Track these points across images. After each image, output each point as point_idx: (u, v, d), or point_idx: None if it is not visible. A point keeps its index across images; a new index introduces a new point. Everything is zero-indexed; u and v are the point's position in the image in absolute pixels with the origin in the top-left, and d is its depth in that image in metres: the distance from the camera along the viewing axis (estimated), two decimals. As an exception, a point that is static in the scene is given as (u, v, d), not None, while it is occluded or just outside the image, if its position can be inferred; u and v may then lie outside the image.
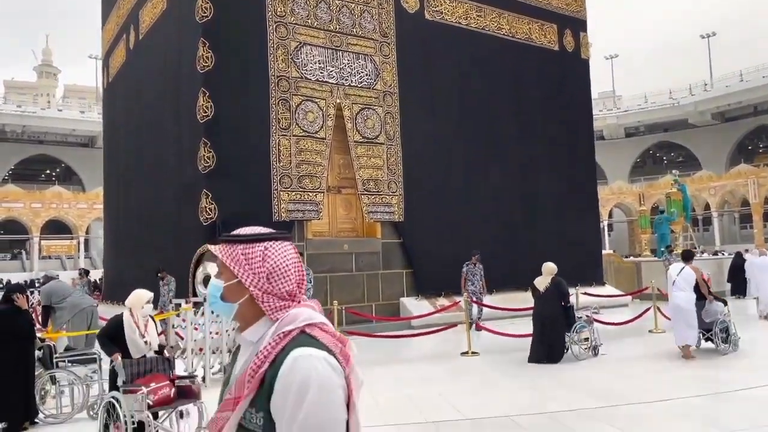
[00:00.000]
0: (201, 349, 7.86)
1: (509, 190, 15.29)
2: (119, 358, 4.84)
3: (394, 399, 6.58)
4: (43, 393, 6.46)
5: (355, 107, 13.09)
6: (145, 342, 5.12)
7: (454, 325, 10.83)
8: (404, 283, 13.56)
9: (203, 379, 7.74)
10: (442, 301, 13.21)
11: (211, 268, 11.05)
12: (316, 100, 12.59)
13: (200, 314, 7.97)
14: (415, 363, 9.27)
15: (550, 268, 8.97)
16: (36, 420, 6.10)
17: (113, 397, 4.63)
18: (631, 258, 23.51)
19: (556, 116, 16.46)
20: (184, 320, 7.95)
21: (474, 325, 10.68)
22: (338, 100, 12.86)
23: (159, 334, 9.92)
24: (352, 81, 13.08)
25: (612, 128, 57.34)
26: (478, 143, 14.91)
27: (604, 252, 19.92)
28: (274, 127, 12.03)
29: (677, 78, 58.48)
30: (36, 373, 6.18)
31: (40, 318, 8.45)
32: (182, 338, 7.97)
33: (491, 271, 12.55)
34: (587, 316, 8.99)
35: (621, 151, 57.26)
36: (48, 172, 60.85)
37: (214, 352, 8.02)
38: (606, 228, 46.38)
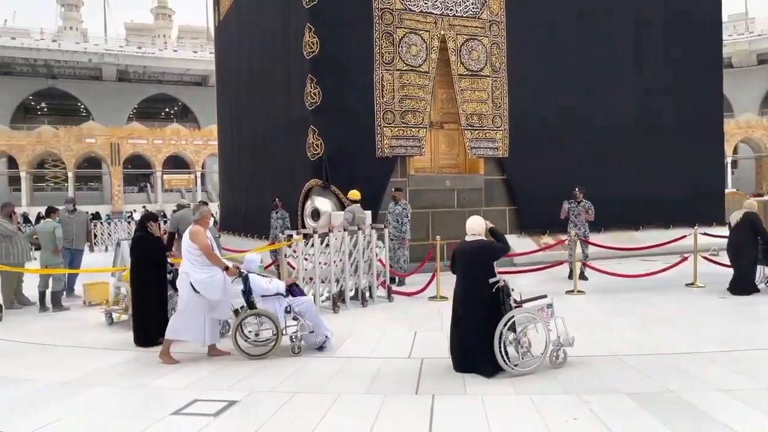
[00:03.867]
0: (311, 279, 8.29)
1: (622, 123, 14.43)
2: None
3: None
4: (173, 312, 7.11)
5: (459, 38, 12.69)
6: None
7: (560, 263, 10.64)
8: (507, 220, 13.37)
9: (313, 306, 8.20)
10: (547, 239, 12.95)
11: (319, 201, 11.45)
12: (420, 32, 12.32)
13: (310, 245, 8.35)
14: (518, 299, 9.23)
15: (747, 203, 9.22)
16: (168, 336, 6.79)
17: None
18: (758, 198, 21.63)
19: (679, 41, 15.12)
20: (295, 251, 8.37)
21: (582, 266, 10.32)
22: (442, 32, 12.52)
23: (271, 264, 10.52)
24: (457, 11, 12.64)
25: (742, 55, 51.75)
26: (589, 73, 14.08)
27: (726, 191, 18.50)
28: (377, 62, 11.97)
29: (824, -6, 51.10)
30: (168, 293, 6.82)
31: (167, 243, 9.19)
32: (294, 268, 8.41)
33: (598, 209, 12.01)
34: None
35: (751, 80, 51.72)
36: (167, 110, 64.80)
37: (323, 282, 8.43)
38: (729, 165, 42.73)
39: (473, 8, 12.80)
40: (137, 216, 27.38)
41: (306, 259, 8.31)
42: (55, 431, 4.06)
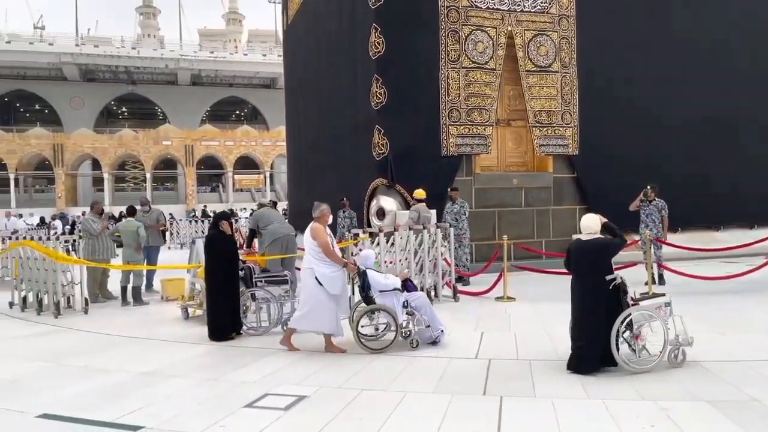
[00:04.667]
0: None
1: (701, 118, 13.72)
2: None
3: (567, 336, 6.48)
4: (245, 308, 7.35)
5: (527, 34, 12.45)
6: None
7: (633, 264, 10.24)
8: (577, 219, 12.96)
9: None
10: (619, 239, 12.50)
11: (384, 200, 11.52)
12: (487, 29, 12.18)
13: (375, 244, 8.42)
14: (589, 301, 8.97)
15: None
16: (240, 331, 7.02)
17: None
18: None
19: (762, 31, 14.26)
20: (361, 249, 8.45)
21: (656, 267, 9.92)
22: (509, 28, 12.32)
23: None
24: (524, 6, 12.41)
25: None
26: (665, 66, 13.48)
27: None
28: (443, 60, 11.92)
29: None
30: (240, 290, 7.05)
31: (245, 240, 9.54)
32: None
33: (676, 208, 11.51)
34: None
35: None
36: (237, 112, 66.95)
37: (388, 280, 8.46)
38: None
39: (542, 3, 12.52)
40: (199, 215, 28.66)
41: (372, 258, 8.37)
42: (138, 419, 4.27)
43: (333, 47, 15.18)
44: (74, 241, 9.64)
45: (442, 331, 6.24)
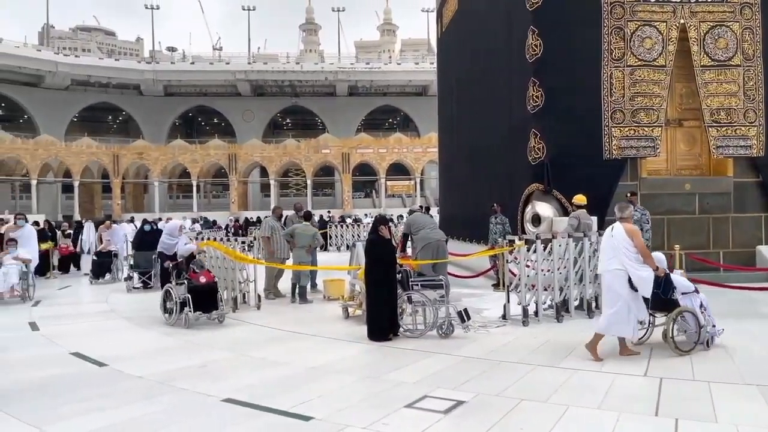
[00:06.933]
0: (533, 285, 8.14)
1: None
2: None
3: (752, 358, 5.84)
4: (401, 311, 7.56)
5: (703, 26, 11.41)
6: None
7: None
8: (763, 228, 11.64)
9: (535, 313, 8.04)
10: (816, 252, 10.98)
11: (540, 206, 11.21)
12: (656, 23, 11.35)
13: (532, 251, 8.20)
14: (778, 321, 8.00)
15: None
16: (397, 333, 7.23)
17: None
18: None
19: None
20: (516, 257, 8.29)
21: None
22: (682, 21, 11.37)
23: (490, 269, 10.55)
24: (700, -4, 11.40)
25: None
26: None
27: None
28: (605, 59, 11.31)
29: None
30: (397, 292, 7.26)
31: (400, 244, 9.86)
32: (515, 274, 8.34)
33: None
34: None
35: None
36: (390, 120, 69.07)
37: (545, 289, 8.21)
38: None
39: (720, -9, 11.41)
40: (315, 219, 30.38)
41: (528, 266, 8.18)
42: (308, 410, 4.58)
43: (488, 51, 15.08)
44: (250, 242, 10.59)
45: (723, 329, 6.36)
